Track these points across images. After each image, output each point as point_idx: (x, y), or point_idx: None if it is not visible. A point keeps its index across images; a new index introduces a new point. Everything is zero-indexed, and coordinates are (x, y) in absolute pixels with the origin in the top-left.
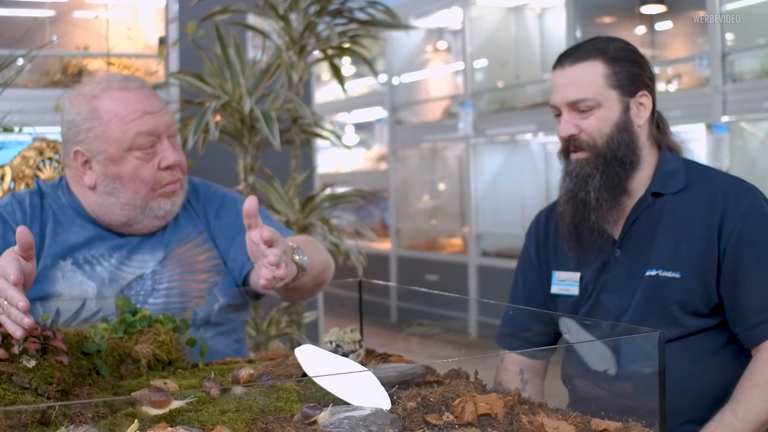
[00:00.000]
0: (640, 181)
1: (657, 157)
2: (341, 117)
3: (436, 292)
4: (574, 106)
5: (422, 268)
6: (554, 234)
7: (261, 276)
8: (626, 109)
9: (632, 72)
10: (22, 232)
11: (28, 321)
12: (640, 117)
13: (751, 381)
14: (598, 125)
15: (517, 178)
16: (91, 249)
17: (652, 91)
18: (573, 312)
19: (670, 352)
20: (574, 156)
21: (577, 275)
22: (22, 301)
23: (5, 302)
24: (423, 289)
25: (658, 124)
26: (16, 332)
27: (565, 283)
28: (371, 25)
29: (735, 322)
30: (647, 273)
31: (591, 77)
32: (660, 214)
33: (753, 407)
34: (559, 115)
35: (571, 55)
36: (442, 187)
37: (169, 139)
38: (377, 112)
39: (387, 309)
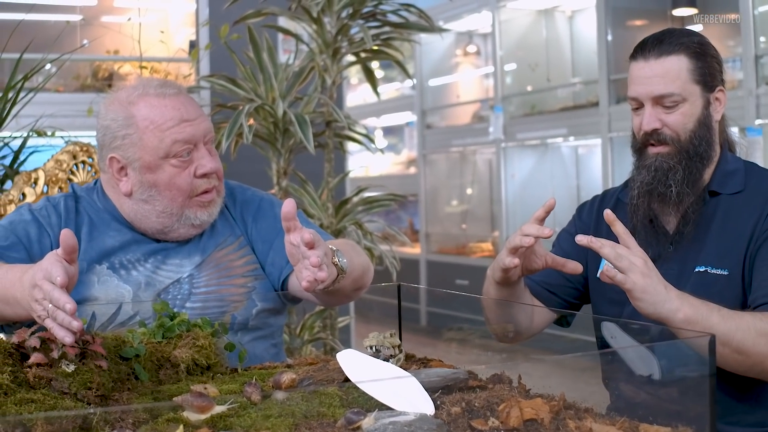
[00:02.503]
0: (703, 178)
1: (719, 155)
2: (370, 121)
3: (476, 296)
4: (659, 100)
5: (452, 273)
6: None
7: (302, 278)
8: (707, 104)
9: (712, 67)
10: (66, 235)
11: (77, 324)
12: (717, 112)
13: (748, 312)
14: (683, 120)
15: (547, 182)
16: (128, 253)
17: (724, 87)
18: (620, 302)
19: None
20: (653, 150)
21: None
22: (69, 304)
23: (50, 305)
24: (463, 294)
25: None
26: (66, 338)
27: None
28: (404, 28)
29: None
30: (696, 269)
31: (677, 72)
32: (714, 213)
33: (737, 320)
34: (637, 108)
35: (655, 48)
36: (471, 191)
37: (206, 147)
38: (406, 116)
39: (417, 313)
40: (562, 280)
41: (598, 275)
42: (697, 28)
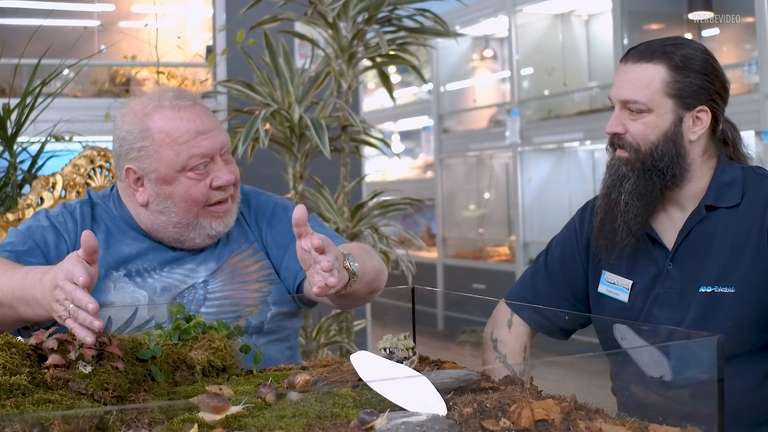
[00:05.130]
0: (692, 193)
1: (714, 168)
2: (387, 126)
3: (490, 298)
4: (626, 105)
5: (469, 277)
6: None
7: (313, 284)
8: (679, 122)
9: (696, 84)
10: (87, 236)
11: (98, 324)
12: (694, 132)
13: None
14: (644, 130)
15: (564, 186)
16: (144, 261)
17: (717, 107)
18: (621, 317)
19: (727, 371)
20: (617, 153)
21: (629, 282)
22: (92, 303)
23: (72, 305)
24: (477, 296)
25: (724, 138)
26: (87, 338)
27: (615, 286)
28: (420, 33)
29: None
30: (701, 290)
31: (648, 80)
32: (714, 229)
33: None
34: (612, 108)
35: (638, 53)
36: (488, 195)
37: (222, 158)
38: (423, 121)
39: (434, 317)
40: (561, 304)
41: (598, 290)
42: (712, 31)
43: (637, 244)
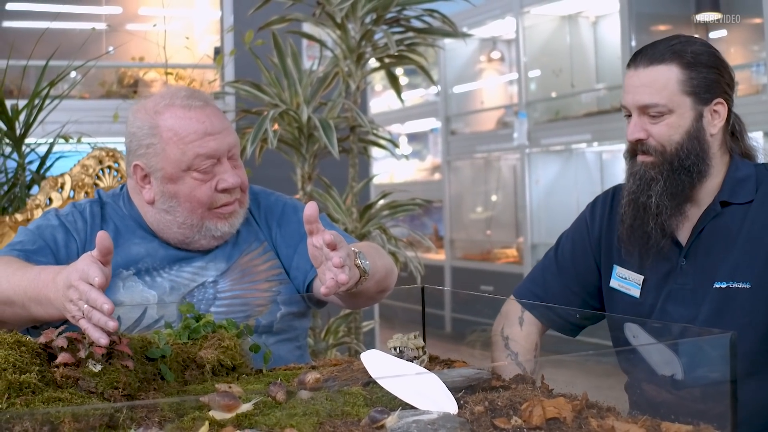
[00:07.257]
0: (709, 189)
1: (728, 164)
2: (395, 128)
3: (500, 297)
4: (645, 110)
5: (477, 279)
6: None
7: (324, 281)
8: (699, 117)
9: (709, 78)
10: (102, 237)
11: (113, 324)
12: (714, 126)
13: None
14: (668, 132)
15: (572, 188)
16: (154, 260)
17: (729, 98)
18: (635, 313)
19: (743, 368)
20: (640, 158)
21: (640, 278)
22: (107, 304)
23: (86, 306)
24: (486, 295)
25: (733, 130)
26: (101, 339)
27: (627, 281)
28: (428, 34)
29: None
30: (716, 285)
31: (664, 82)
32: (729, 225)
33: None
34: (629, 115)
35: (646, 56)
36: (496, 197)
37: (230, 160)
38: (431, 123)
39: (441, 319)
40: (571, 299)
41: (610, 285)
42: (720, 32)
43: (644, 241)
